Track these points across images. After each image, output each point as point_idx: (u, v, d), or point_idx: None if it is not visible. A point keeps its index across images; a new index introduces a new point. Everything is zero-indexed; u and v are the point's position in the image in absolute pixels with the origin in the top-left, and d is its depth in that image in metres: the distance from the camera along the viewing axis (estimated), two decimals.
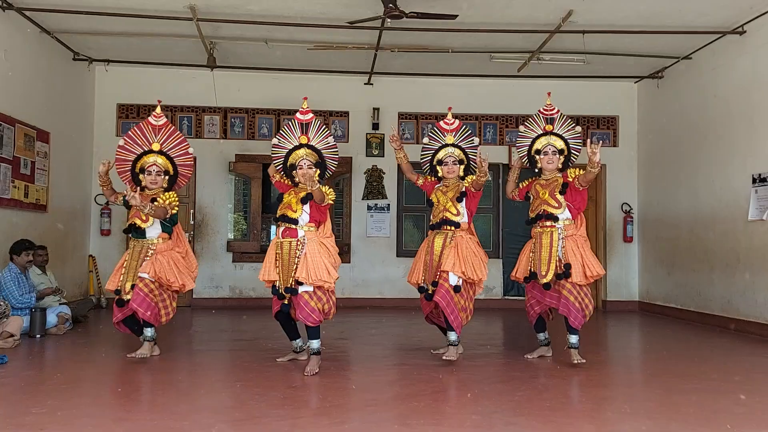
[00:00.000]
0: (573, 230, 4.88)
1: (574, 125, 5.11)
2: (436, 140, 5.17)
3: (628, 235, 9.34)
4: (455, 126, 5.16)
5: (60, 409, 3.55)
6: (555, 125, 5.06)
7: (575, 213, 4.91)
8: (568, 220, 4.88)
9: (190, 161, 5.23)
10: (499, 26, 7.08)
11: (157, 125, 5.10)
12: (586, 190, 4.91)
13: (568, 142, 5.04)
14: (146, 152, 5.03)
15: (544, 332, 5.26)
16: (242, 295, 9.06)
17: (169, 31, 7.41)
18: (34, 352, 5.39)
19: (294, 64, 8.62)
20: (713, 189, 7.54)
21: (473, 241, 4.99)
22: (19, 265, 6.13)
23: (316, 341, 4.60)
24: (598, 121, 9.51)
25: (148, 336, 4.93)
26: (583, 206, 4.94)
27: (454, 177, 5.08)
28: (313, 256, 4.52)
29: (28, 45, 7.14)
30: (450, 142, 5.11)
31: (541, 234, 4.92)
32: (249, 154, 9.12)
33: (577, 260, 4.78)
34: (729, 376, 4.71)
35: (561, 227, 4.85)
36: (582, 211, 4.96)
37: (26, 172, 7.01)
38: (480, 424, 3.43)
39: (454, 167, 5.06)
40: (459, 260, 4.81)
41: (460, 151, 5.10)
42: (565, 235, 4.85)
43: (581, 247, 4.84)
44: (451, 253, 4.84)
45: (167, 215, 4.92)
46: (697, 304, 7.78)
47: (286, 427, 3.30)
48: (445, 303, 4.78)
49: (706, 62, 7.76)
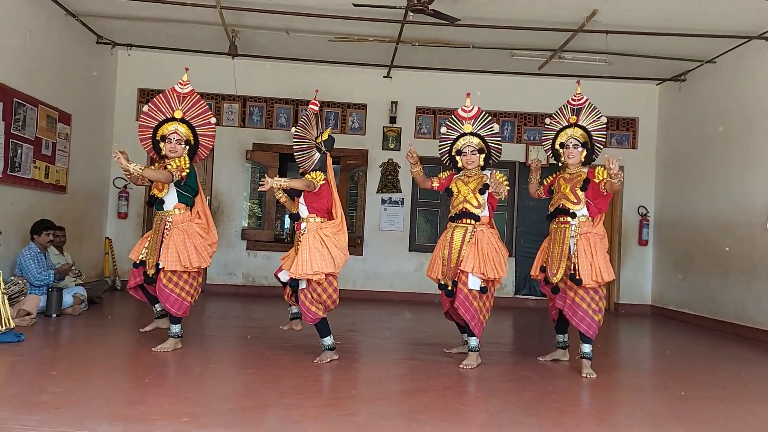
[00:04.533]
0: (589, 227, 4.66)
1: (600, 115, 4.84)
2: (454, 129, 4.91)
3: (643, 238, 9.28)
4: (474, 113, 4.89)
5: (75, 389, 3.61)
6: (580, 116, 4.83)
7: (595, 211, 4.71)
8: (584, 217, 4.68)
9: (213, 131, 5.02)
10: (522, 23, 7.03)
11: (183, 93, 4.95)
12: (610, 194, 4.72)
13: (591, 135, 4.80)
14: (168, 119, 4.85)
15: (564, 334, 5.07)
16: (255, 283, 9.12)
17: (192, 18, 7.45)
18: (49, 331, 5.47)
19: (314, 54, 8.63)
20: (731, 195, 7.46)
21: (495, 236, 4.78)
22: (39, 244, 6.22)
23: (326, 338, 4.64)
24: (617, 123, 9.43)
25: (173, 332, 4.81)
26: (604, 207, 4.76)
27: (475, 167, 4.84)
28: (302, 248, 4.50)
29: (52, 27, 7.20)
30: (468, 131, 4.85)
31: (556, 230, 4.78)
32: (266, 143, 9.16)
33: (587, 262, 4.56)
34: (742, 384, 4.68)
35: (576, 224, 4.66)
36: (603, 212, 4.77)
37: (47, 153, 7.09)
38: (489, 423, 3.44)
39: (473, 157, 4.80)
40: (479, 260, 4.62)
41: (480, 139, 4.84)
42: (580, 232, 4.65)
43: (594, 246, 4.60)
44: (471, 252, 4.65)
45: (172, 179, 4.68)
46: (711, 310, 7.72)
47: (297, 416, 3.33)
48: (464, 309, 4.62)
49: (730, 67, 7.66)
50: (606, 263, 4.62)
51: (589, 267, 4.57)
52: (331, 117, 9.27)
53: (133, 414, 3.20)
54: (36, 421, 2.99)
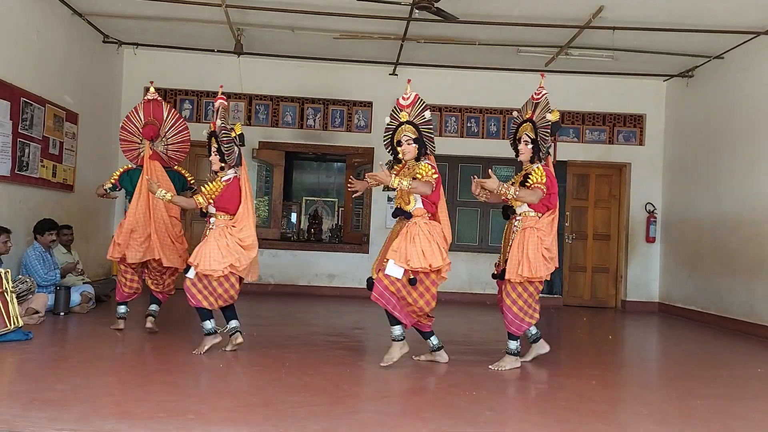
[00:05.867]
0: (532, 222, 4.52)
1: (549, 111, 4.67)
2: (395, 119, 4.64)
3: (650, 236, 9.24)
4: (411, 101, 4.60)
5: (83, 386, 3.64)
6: (536, 112, 4.71)
7: (540, 207, 4.54)
8: (529, 213, 4.56)
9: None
10: (528, 20, 7.00)
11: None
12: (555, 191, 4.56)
13: (538, 131, 4.63)
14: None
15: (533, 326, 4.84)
16: (261, 281, 9.14)
17: (197, 17, 7.46)
18: (57, 329, 5.52)
19: (320, 52, 8.63)
20: (739, 192, 7.42)
21: (433, 227, 4.46)
22: (43, 244, 6.26)
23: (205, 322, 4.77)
24: (624, 119, 9.39)
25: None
26: (550, 203, 4.56)
27: (411, 158, 4.58)
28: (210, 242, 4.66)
29: (59, 27, 7.24)
30: (404, 120, 4.57)
31: (508, 226, 4.73)
32: (272, 142, 9.17)
33: (515, 258, 4.43)
34: (748, 382, 4.66)
35: (520, 219, 4.60)
36: (552, 208, 4.58)
37: (55, 152, 7.13)
38: (494, 420, 3.44)
39: (409, 147, 4.54)
40: (402, 248, 4.36)
41: (414, 128, 4.54)
42: (521, 227, 4.54)
43: (527, 242, 4.45)
44: (397, 242, 4.41)
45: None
46: (718, 307, 7.68)
47: (302, 414, 3.34)
48: (378, 295, 4.39)
49: (738, 63, 7.61)
50: (535, 259, 4.43)
51: (516, 262, 4.45)
52: (337, 114, 9.27)
53: (140, 411, 3.22)
54: (44, 418, 3.02)
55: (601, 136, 9.39)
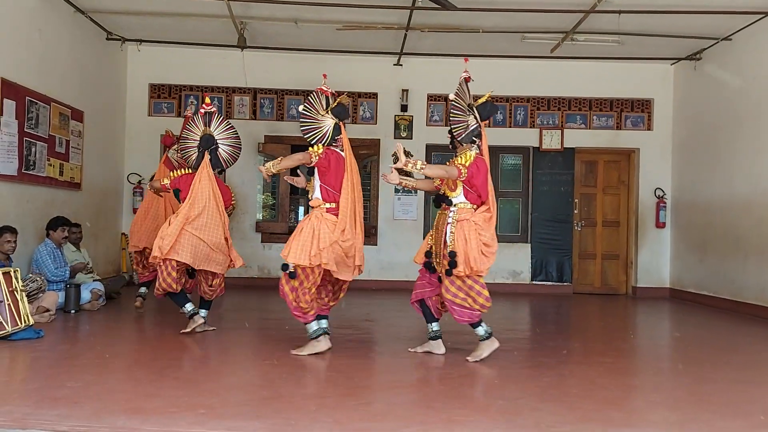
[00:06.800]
0: (468, 215, 4.43)
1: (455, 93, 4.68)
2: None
3: (660, 221, 9.17)
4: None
5: (94, 383, 3.65)
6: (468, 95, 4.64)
7: (474, 198, 4.46)
8: (463, 204, 4.46)
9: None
10: (532, 5, 6.93)
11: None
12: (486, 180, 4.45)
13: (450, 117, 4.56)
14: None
15: (435, 322, 4.67)
16: (270, 275, 9.15)
17: (200, 11, 7.44)
18: (68, 327, 5.54)
19: (323, 44, 8.59)
20: (749, 175, 7.33)
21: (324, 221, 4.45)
22: (55, 240, 6.28)
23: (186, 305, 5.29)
24: (632, 104, 9.30)
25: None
26: (483, 194, 4.46)
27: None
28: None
29: (62, 25, 7.23)
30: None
31: (439, 217, 4.61)
32: (278, 135, 9.15)
33: (461, 249, 4.34)
34: (762, 366, 4.62)
35: (455, 210, 4.46)
36: (485, 199, 4.48)
37: (61, 150, 7.15)
38: (506, 409, 3.42)
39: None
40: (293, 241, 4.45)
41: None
42: (457, 219, 4.43)
43: (470, 234, 4.36)
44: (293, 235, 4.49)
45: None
46: (730, 291, 7.62)
47: (313, 406, 3.33)
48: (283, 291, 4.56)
49: (746, 44, 7.51)
50: (479, 253, 4.35)
51: (463, 254, 4.33)
52: None
53: (151, 407, 3.22)
54: (55, 416, 3.03)
55: (608, 121, 9.31)
